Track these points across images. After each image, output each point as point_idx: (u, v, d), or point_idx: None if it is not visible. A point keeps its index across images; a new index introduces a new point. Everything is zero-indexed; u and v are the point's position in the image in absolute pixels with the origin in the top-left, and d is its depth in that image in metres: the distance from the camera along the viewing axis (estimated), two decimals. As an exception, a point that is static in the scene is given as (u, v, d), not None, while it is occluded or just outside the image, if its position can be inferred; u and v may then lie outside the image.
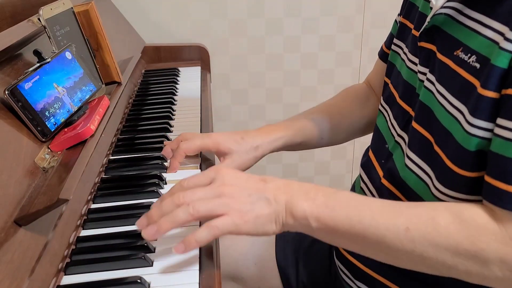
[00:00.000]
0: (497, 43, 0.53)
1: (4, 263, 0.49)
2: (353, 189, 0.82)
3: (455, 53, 0.59)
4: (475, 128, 0.54)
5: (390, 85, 0.77)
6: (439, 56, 0.62)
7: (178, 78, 1.30)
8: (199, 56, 1.45)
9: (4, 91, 0.64)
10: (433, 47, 0.64)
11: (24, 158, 0.63)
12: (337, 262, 0.80)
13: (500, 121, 0.52)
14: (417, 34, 0.68)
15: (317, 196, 0.58)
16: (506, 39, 0.52)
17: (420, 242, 0.53)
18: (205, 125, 1.02)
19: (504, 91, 0.52)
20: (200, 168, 0.83)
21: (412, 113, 0.67)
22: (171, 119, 1.03)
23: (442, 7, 0.62)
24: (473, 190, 0.56)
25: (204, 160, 0.85)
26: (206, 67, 1.43)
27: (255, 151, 0.81)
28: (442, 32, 0.62)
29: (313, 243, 0.90)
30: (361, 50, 1.60)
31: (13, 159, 0.60)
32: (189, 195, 0.58)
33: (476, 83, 0.54)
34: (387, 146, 0.73)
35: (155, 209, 0.59)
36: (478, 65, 0.55)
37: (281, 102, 1.66)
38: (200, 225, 0.60)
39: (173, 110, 1.07)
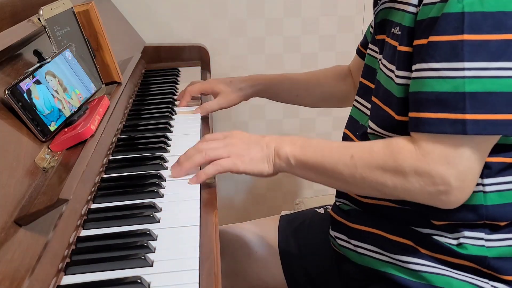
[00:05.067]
0: (405, 10, 0.69)
1: (4, 263, 0.49)
2: None
3: (392, 31, 0.74)
4: (399, 78, 0.69)
5: (367, 82, 0.86)
6: (387, 39, 0.76)
7: (178, 78, 1.30)
8: (199, 56, 1.45)
9: (4, 91, 0.64)
10: (384, 37, 0.77)
11: (24, 158, 0.63)
12: (333, 233, 0.86)
13: (412, 66, 0.66)
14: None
15: (298, 142, 0.75)
16: (410, 4, 0.68)
17: (360, 165, 0.67)
18: (205, 125, 1.02)
19: (414, 42, 0.66)
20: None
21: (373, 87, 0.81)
22: (171, 119, 1.03)
23: (383, 2, 0.78)
24: (400, 130, 0.71)
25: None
26: (206, 67, 1.43)
27: (239, 91, 1.06)
28: (388, 22, 0.77)
29: (314, 232, 0.95)
30: (361, 50, 1.60)
31: (13, 159, 0.60)
32: (205, 145, 0.77)
33: (396, 44, 0.71)
34: (360, 123, 0.85)
35: (182, 156, 0.79)
36: (399, 33, 0.70)
37: (281, 102, 1.66)
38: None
39: (173, 110, 1.07)
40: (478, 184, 0.68)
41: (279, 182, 1.78)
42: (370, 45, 0.88)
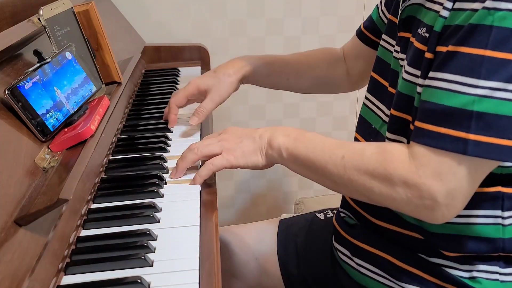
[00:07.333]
0: (438, 12, 0.63)
1: (4, 263, 0.49)
2: None
3: (418, 32, 0.68)
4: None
5: (378, 78, 0.82)
6: (412, 40, 0.70)
7: (178, 78, 1.30)
8: (199, 56, 1.45)
9: (4, 91, 0.64)
10: (409, 35, 0.72)
11: (24, 158, 0.63)
12: (336, 245, 0.83)
13: (429, 74, 0.62)
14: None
15: (293, 134, 0.73)
16: (444, 7, 0.62)
17: (349, 167, 0.65)
18: (205, 125, 1.02)
19: (437, 49, 0.62)
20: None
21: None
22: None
23: None
24: None
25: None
26: (206, 67, 1.43)
27: (228, 78, 0.96)
28: (416, 20, 0.71)
29: (313, 238, 0.93)
30: (361, 50, 1.60)
31: (13, 159, 0.60)
32: (198, 143, 0.77)
33: (425, 49, 0.65)
34: (373, 126, 0.81)
35: (179, 159, 0.78)
36: (427, 35, 0.65)
37: (281, 102, 1.66)
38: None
39: (173, 110, 1.07)
40: (497, 217, 0.66)
41: (279, 182, 1.78)
42: (384, 36, 0.82)
